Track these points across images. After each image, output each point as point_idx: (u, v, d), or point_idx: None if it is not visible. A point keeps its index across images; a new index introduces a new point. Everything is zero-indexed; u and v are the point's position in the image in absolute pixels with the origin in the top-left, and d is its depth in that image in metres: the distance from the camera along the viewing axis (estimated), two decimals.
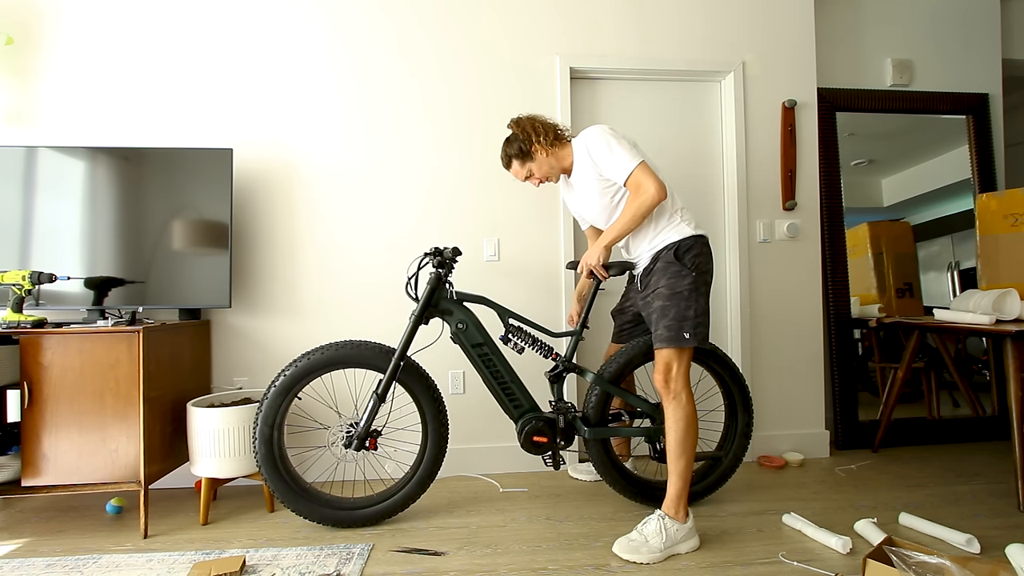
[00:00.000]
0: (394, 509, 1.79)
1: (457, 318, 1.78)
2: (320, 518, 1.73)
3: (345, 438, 1.74)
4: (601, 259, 1.74)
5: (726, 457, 1.93)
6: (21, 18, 2.18)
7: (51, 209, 1.96)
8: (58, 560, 1.58)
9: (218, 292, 2.02)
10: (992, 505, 1.88)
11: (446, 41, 2.31)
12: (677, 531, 1.59)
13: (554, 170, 1.83)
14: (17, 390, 1.98)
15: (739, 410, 1.93)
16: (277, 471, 1.72)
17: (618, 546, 1.58)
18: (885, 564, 1.32)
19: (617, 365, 1.82)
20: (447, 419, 1.82)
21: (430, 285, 1.77)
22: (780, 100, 2.46)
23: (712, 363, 1.89)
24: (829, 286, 2.59)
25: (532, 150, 1.79)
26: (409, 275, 1.81)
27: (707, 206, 2.49)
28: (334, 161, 2.27)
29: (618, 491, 1.87)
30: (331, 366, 1.74)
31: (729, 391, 1.94)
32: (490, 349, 1.79)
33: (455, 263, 1.81)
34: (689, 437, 1.63)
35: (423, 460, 1.81)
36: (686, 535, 1.60)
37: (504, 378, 1.80)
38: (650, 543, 1.56)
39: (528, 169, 1.83)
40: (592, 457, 1.84)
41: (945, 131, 2.75)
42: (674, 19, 2.41)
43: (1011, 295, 2.12)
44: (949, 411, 2.66)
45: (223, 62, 2.24)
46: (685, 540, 1.60)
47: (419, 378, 1.79)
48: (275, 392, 1.71)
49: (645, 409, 1.86)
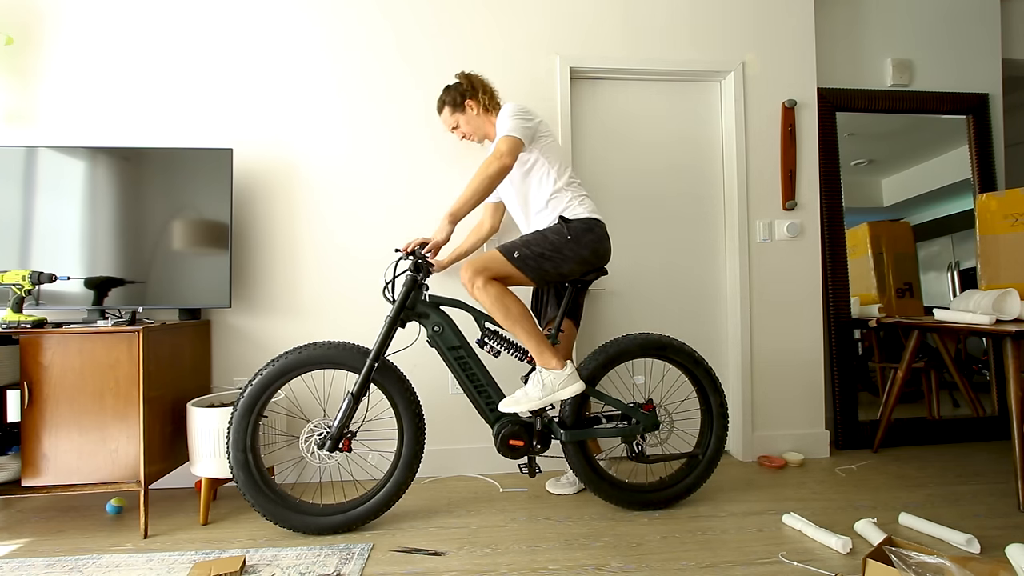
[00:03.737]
0: (374, 513, 1.75)
1: (433, 321, 1.78)
2: (315, 528, 1.70)
3: (319, 439, 1.72)
4: (444, 235, 1.74)
5: (707, 445, 1.90)
6: (21, 18, 2.18)
7: (51, 209, 1.96)
8: (58, 560, 1.58)
9: (218, 292, 2.02)
10: (992, 505, 1.88)
11: (443, 40, 2.30)
12: (555, 379, 1.72)
13: (478, 131, 1.96)
14: (17, 390, 1.98)
15: (710, 392, 1.90)
16: (260, 491, 1.68)
17: (503, 404, 1.73)
18: (885, 564, 1.32)
19: (592, 367, 1.81)
20: (424, 421, 1.80)
21: (405, 288, 1.76)
22: (780, 100, 2.46)
23: (671, 355, 1.86)
24: (829, 286, 2.59)
25: (466, 104, 1.92)
26: (386, 279, 1.82)
27: (707, 206, 2.49)
28: (334, 161, 2.27)
29: (601, 497, 1.84)
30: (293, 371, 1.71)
31: (695, 377, 1.91)
32: (466, 352, 1.79)
33: (431, 264, 1.81)
34: (510, 308, 1.70)
35: (399, 463, 1.77)
36: (565, 381, 1.72)
37: (480, 381, 1.80)
38: (529, 394, 1.72)
39: (456, 120, 1.95)
40: (570, 460, 1.82)
41: (945, 131, 2.75)
42: (674, 19, 2.41)
43: (1011, 295, 2.12)
44: (949, 411, 2.66)
45: (223, 62, 2.24)
46: (565, 386, 1.72)
47: (396, 380, 1.77)
48: (239, 415, 1.67)
49: (621, 410, 1.84)
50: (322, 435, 1.72)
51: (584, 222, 1.78)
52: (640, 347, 1.84)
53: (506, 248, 1.75)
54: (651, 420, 1.84)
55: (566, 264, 1.75)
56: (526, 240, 1.76)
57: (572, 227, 1.76)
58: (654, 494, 1.86)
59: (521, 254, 1.73)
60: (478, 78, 1.95)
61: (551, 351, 1.74)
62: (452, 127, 1.97)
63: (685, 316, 2.48)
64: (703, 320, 2.49)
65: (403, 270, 1.85)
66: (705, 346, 2.49)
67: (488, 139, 2.00)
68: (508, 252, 1.74)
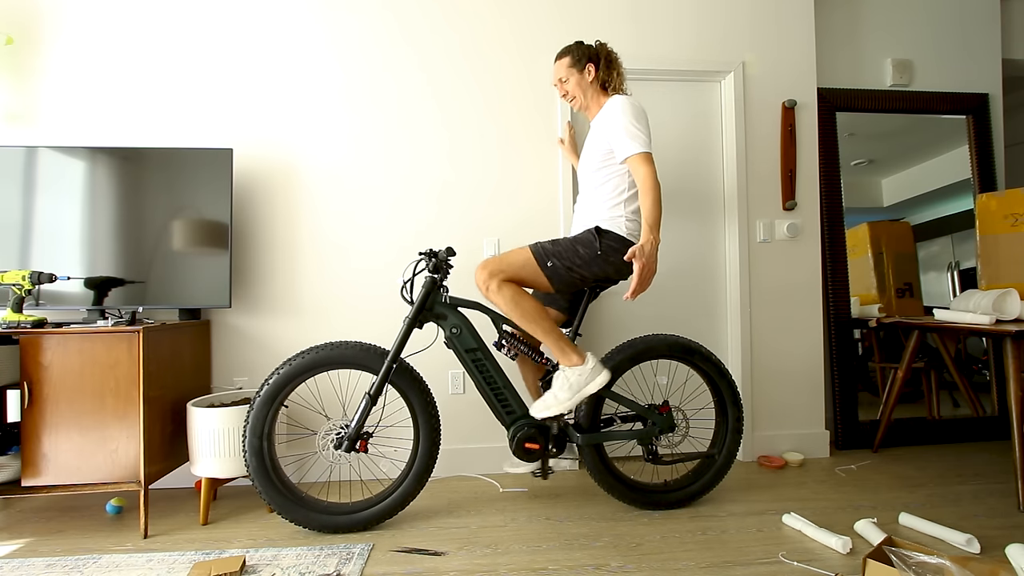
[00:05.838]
0: (377, 518, 1.75)
1: (451, 323, 1.78)
2: (319, 525, 1.71)
3: (336, 439, 1.73)
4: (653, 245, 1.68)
5: (719, 455, 1.92)
6: (21, 18, 2.18)
7: (51, 209, 1.96)
8: (58, 560, 1.58)
9: (218, 292, 2.02)
10: (992, 505, 1.88)
11: (454, 36, 2.31)
12: (580, 376, 1.71)
13: (582, 97, 1.88)
14: (17, 390, 1.98)
15: (728, 405, 1.92)
16: (270, 481, 1.69)
17: (534, 410, 1.73)
18: (885, 564, 1.32)
19: (619, 359, 1.82)
20: (439, 423, 1.81)
21: (424, 289, 1.76)
22: (780, 100, 2.46)
23: (697, 361, 1.89)
24: (829, 286, 2.59)
25: (587, 67, 1.85)
26: (404, 279, 1.81)
27: (707, 206, 2.49)
28: (335, 161, 2.27)
29: (616, 497, 1.86)
30: (318, 368, 1.72)
31: (717, 388, 1.93)
32: (484, 354, 1.79)
33: (450, 265, 1.81)
34: (526, 309, 1.70)
35: (415, 463, 1.79)
36: (589, 375, 1.72)
37: (497, 384, 1.79)
38: (559, 396, 1.71)
39: (569, 74, 1.86)
40: (587, 464, 1.84)
41: (945, 131, 2.75)
42: (674, 19, 2.41)
43: (1011, 295, 2.12)
44: (949, 411, 2.66)
45: (223, 61, 2.24)
46: (591, 380, 1.72)
47: (412, 381, 1.78)
48: (261, 401, 1.69)
49: (637, 411, 1.85)
50: (339, 435, 1.73)
51: (619, 240, 1.75)
52: (668, 348, 1.86)
53: (539, 255, 1.73)
54: (667, 422, 1.85)
55: (589, 275, 1.76)
56: (558, 251, 1.74)
57: (605, 244, 1.73)
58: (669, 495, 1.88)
59: (554, 264, 1.72)
60: (615, 56, 1.88)
61: (571, 347, 1.74)
62: (561, 79, 1.88)
63: (685, 315, 2.47)
64: (703, 320, 2.49)
65: (420, 270, 1.85)
66: (705, 345, 2.49)
67: (585, 111, 1.91)
68: (541, 260, 1.72)
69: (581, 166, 1.92)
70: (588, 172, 1.86)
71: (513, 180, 2.32)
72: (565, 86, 1.89)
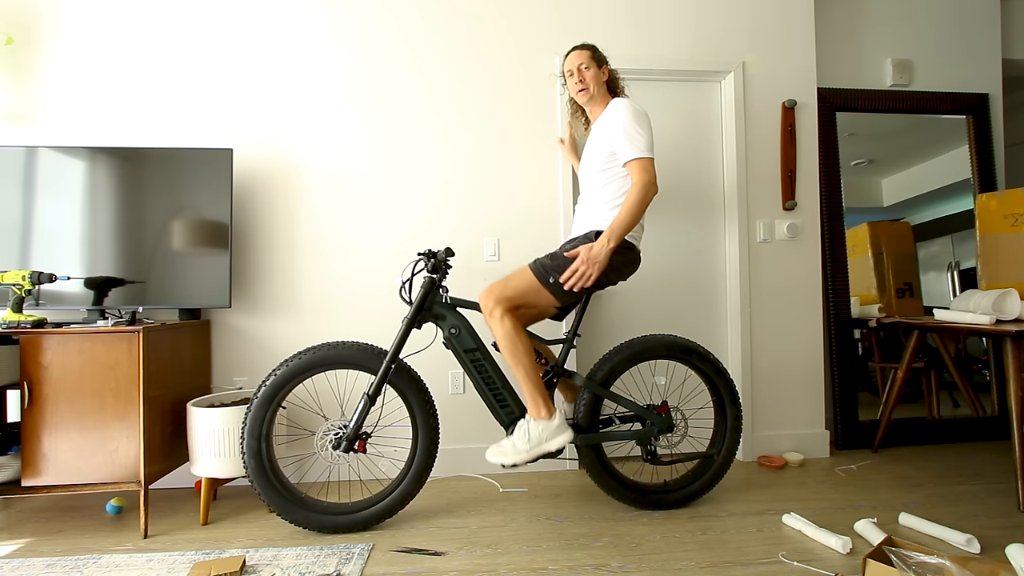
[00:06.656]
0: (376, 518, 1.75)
1: (450, 323, 1.78)
2: (318, 525, 1.71)
3: (334, 440, 1.73)
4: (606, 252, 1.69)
5: (718, 454, 1.92)
6: (21, 18, 2.18)
7: (51, 209, 1.96)
8: (58, 560, 1.58)
9: (218, 292, 2.02)
10: (992, 505, 1.88)
11: (451, 36, 2.31)
12: (542, 431, 1.70)
13: (595, 91, 1.89)
14: (17, 390, 1.98)
15: (727, 405, 1.92)
16: (269, 482, 1.69)
17: (489, 452, 1.72)
18: (885, 564, 1.32)
19: (617, 360, 1.82)
20: (438, 422, 1.81)
21: (423, 289, 1.76)
22: (780, 100, 2.46)
23: (695, 361, 1.89)
24: (829, 286, 2.59)
25: (603, 68, 1.90)
26: (403, 279, 1.81)
27: (707, 206, 2.49)
28: (335, 161, 2.27)
29: (615, 497, 1.86)
30: (315, 369, 1.72)
31: (715, 387, 1.93)
32: (482, 355, 1.78)
33: (449, 266, 1.81)
34: (518, 347, 1.69)
35: (414, 462, 1.79)
36: (553, 432, 1.70)
37: (496, 384, 1.79)
38: (517, 446, 1.69)
39: (590, 63, 1.88)
40: (585, 464, 1.84)
41: (945, 131, 2.75)
42: (674, 19, 2.41)
43: (1011, 295, 2.12)
44: (949, 411, 2.66)
45: (223, 61, 2.24)
46: (553, 437, 1.70)
47: (411, 381, 1.78)
48: (258, 403, 1.69)
49: (635, 411, 1.85)
50: (337, 435, 1.73)
51: (629, 249, 1.76)
52: (667, 348, 1.86)
53: (540, 273, 1.73)
54: (666, 422, 1.85)
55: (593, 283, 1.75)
56: (557, 265, 1.73)
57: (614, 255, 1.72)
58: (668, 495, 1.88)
59: (556, 280, 1.71)
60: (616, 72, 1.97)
61: (544, 400, 1.72)
62: (582, 66, 1.86)
63: (685, 315, 2.47)
64: (703, 320, 2.48)
65: (419, 270, 1.85)
66: (705, 345, 2.49)
67: (592, 106, 1.92)
68: (543, 278, 1.73)
69: (583, 168, 1.92)
70: (590, 174, 1.86)
71: (512, 180, 2.32)
72: (585, 73, 1.87)
